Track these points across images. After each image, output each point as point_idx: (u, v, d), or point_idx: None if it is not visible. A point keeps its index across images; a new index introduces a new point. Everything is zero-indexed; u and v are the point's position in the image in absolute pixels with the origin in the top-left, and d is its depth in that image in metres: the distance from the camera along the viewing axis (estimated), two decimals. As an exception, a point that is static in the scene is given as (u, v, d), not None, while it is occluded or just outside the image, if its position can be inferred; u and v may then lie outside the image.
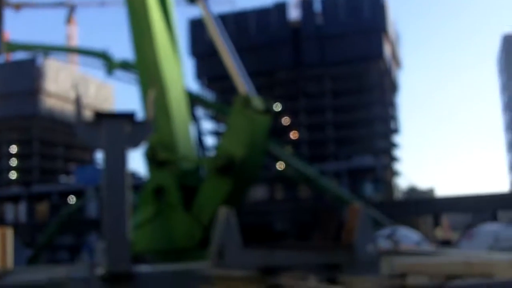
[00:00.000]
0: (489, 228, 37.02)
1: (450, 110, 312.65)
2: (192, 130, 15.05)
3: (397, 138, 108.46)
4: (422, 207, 72.77)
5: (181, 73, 14.83)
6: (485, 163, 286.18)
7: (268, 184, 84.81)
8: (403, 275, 7.26)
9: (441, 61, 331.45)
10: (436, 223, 74.34)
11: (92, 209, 75.82)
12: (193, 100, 16.06)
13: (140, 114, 8.46)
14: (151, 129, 8.15)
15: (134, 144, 7.89)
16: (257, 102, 12.76)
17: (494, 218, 66.85)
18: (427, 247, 31.28)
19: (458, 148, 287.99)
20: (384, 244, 18.66)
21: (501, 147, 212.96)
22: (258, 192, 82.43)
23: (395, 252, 10.06)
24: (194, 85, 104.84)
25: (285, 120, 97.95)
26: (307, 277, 6.28)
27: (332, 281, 5.96)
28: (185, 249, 12.43)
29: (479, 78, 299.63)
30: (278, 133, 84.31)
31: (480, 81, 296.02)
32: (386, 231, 27.52)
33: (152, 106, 8.53)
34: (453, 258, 7.42)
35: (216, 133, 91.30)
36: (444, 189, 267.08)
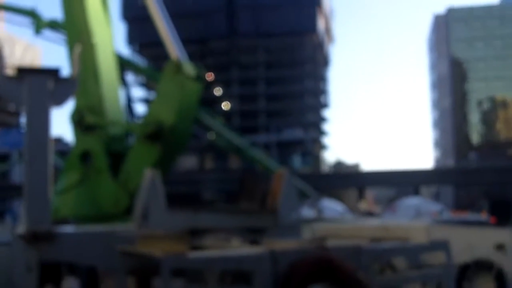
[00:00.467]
0: (411, 202, 38.30)
1: (379, 87, 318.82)
2: (121, 95, 14.79)
3: (327, 112, 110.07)
4: (348, 180, 74.34)
5: (111, 36, 14.53)
6: (411, 140, 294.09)
7: (198, 154, 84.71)
8: (323, 239, 7.46)
9: (373, 38, 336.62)
10: (361, 196, 76.13)
11: (16, 174, 73.90)
12: (124, 64, 15.74)
13: (66, 72, 8.24)
14: (76, 86, 7.95)
15: (58, 101, 7.70)
16: (189, 68, 12.65)
17: (416, 192, 68.98)
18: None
19: (386, 125, 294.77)
20: (308, 213, 19.01)
21: (427, 124, 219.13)
22: (188, 162, 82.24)
23: (318, 219, 10.30)
24: (125, 51, 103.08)
25: (217, 90, 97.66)
26: (230, 239, 6.36)
27: (255, 243, 6.06)
28: (111, 216, 12.28)
29: (409, 56, 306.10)
30: (210, 103, 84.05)
31: (410, 59, 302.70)
32: (311, 201, 28.04)
33: (78, 63, 8.32)
34: (371, 223, 7.68)
35: (147, 101, 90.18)
36: (369, 164, 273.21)
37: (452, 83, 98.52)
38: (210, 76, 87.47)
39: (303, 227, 8.09)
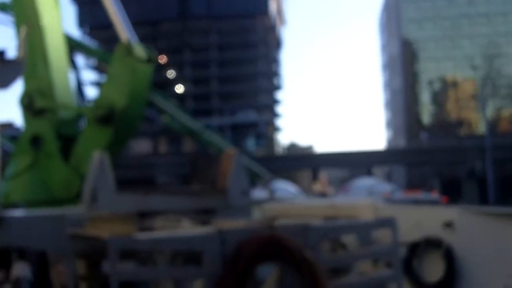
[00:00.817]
0: (363, 182, 38.95)
1: (331, 69, 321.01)
2: (72, 78, 14.56)
3: (280, 95, 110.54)
4: (301, 162, 74.98)
5: (60, 17, 14.27)
6: (363, 121, 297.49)
7: (152, 137, 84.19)
8: (273, 218, 7.55)
9: (325, 19, 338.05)
10: (314, 177, 76.85)
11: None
12: (74, 47, 15.49)
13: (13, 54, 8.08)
14: (22, 69, 7.83)
15: (4, 84, 7.57)
16: (140, 50, 12.53)
17: (369, 173, 69.99)
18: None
19: (338, 106, 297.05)
20: (261, 194, 19.10)
21: (379, 105, 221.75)
22: (142, 145, 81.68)
23: (270, 199, 10.36)
24: (76, 33, 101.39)
25: (170, 73, 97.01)
26: (180, 220, 6.39)
27: (205, 224, 6.10)
28: (62, 200, 12.13)
29: (361, 37, 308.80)
30: (163, 86, 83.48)
31: (362, 40, 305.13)
32: (264, 182, 28.25)
33: (24, 44, 8.19)
34: (321, 202, 7.79)
35: (99, 84, 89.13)
36: (322, 145, 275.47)
37: (403, 63, 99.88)
38: (162, 59, 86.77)
39: (254, 207, 8.16)
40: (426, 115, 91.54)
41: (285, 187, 34.32)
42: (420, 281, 7.90)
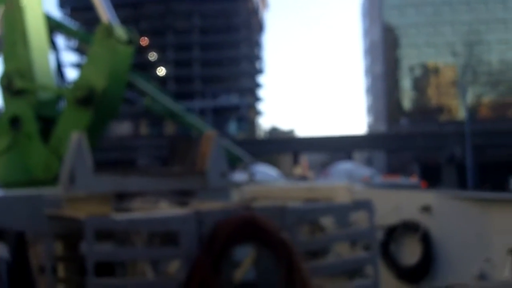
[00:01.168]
0: (343, 166, 39.19)
1: (313, 54, 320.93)
2: (52, 59, 14.45)
3: (262, 78, 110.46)
4: (283, 146, 75.18)
5: (40, -1, 14.14)
6: (345, 106, 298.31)
7: (133, 119, 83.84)
8: (251, 200, 7.58)
9: (307, 4, 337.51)
10: (295, 161, 77.08)
11: None
12: (55, 28, 15.36)
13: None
14: (1, 48, 7.78)
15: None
16: (120, 32, 12.47)
17: (349, 157, 70.37)
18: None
19: (320, 91, 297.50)
20: (241, 177, 19.09)
21: (360, 91, 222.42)
22: (123, 128, 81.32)
23: (249, 182, 10.39)
24: (57, 15, 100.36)
25: (152, 55, 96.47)
26: (158, 201, 6.40)
27: (183, 205, 6.11)
28: (41, 181, 12.09)
29: (343, 23, 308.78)
30: (144, 68, 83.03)
31: (344, 25, 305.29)
32: (244, 165, 28.31)
33: (1, 24, 8.13)
34: (299, 184, 7.85)
35: (79, 65, 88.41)
36: (304, 129, 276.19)
37: (384, 49, 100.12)
38: (144, 41, 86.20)
39: (233, 189, 8.17)
40: (407, 101, 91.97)
41: (265, 171, 34.43)
42: (397, 264, 8.00)
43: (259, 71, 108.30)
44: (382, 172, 69.64)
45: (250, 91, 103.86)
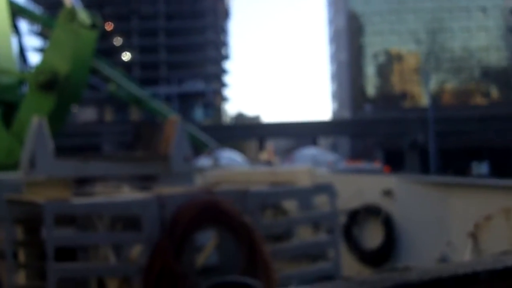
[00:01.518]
0: (308, 152, 39.41)
1: (279, 41, 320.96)
2: (14, 44, 14.22)
3: (228, 65, 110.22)
4: (248, 132, 75.24)
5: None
6: (310, 92, 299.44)
7: (97, 105, 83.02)
8: (214, 184, 7.59)
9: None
10: (261, 147, 77.19)
11: None
12: (17, 12, 15.10)
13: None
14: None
15: None
16: (84, 16, 12.31)
17: (314, 143, 70.76)
18: None
19: (286, 78, 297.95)
20: (206, 162, 19.08)
21: (325, 77, 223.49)
22: (87, 114, 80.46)
23: (214, 167, 10.40)
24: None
25: (117, 41, 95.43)
26: (120, 186, 6.37)
27: (146, 190, 6.10)
28: (3, 167, 11.92)
29: (309, 10, 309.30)
30: (109, 53, 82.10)
31: (310, 13, 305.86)
32: (210, 151, 28.33)
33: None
34: (261, 169, 7.89)
35: (42, 50, 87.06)
36: (269, 115, 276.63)
37: (349, 36, 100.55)
38: (109, 26, 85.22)
39: (196, 174, 8.18)
40: (371, 88, 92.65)
41: (231, 156, 34.39)
42: (359, 247, 8.11)
43: (225, 57, 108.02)
44: (346, 158, 70.23)
45: (216, 77, 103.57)
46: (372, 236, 7.98)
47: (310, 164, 34.42)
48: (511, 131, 66.40)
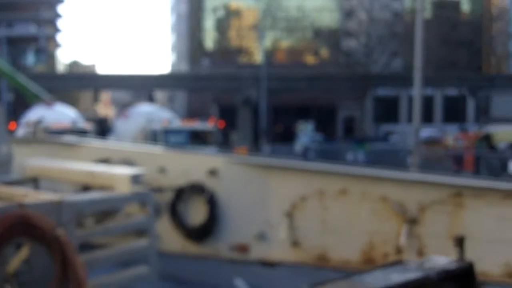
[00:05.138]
0: (143, 109, 39.12)
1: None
2: None
3: (62, 8, 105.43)
4: (83, 82, 72.97)
5: None
6: (149, 44, 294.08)
7: None
8: (34, 179, 7.49)
9: None
10: (96, 98, 75.50)
11: None
12: None
13: None
14: None
15: None
16: None
17: (151, 97, 70.27)
18: (82, 125, 31.91)
19: (125, 27, 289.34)
20: (24, 132, 18.37)
21: (166, 29, 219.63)
22: None
23: (36, 140, 10.10)
24: None
25: None
26: None
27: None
28: None
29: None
30: None
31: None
32: (35, 114, 27.37)
33: None
34: (81, 166, 7.83)
35: None
36: (106, 66, 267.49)
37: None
38: None
39: (14, 165, 7.99)
40: (209, 42, 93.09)
41: (64, 111, 33.24)
42: (184, 224, 8.52)
43: (59, 1, 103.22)
44: (183, 113, 70.63)
45: (50, 22, 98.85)
46: (196, 214, 8.39)
47: (144, 121, 34.47)
48: (337, 90, 69.96)
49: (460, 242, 3.44)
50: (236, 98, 65.98)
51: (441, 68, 64.35)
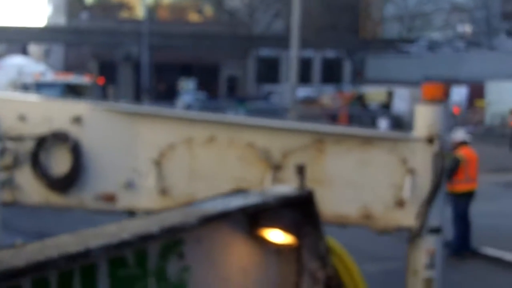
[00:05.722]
0: (14, 61, 37.42)
1: None
2: None
3: None
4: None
5: None
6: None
7: None
8: None
9: None
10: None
11: None
12: None
13: None
14: None
15: None
16: None
17: (24, 51, 67.47)
18: None
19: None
20: None
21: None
22: None
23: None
24: None
25: None
26: None
27: None
28: None
29: None
30: None
31: None
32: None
33: None
34: None
35: None
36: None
37: None
38: None
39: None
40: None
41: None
42: (47, 174, 8.18)
43: None
44: (60, 68, 68.12)
45: None
46: (59, 163, 8.08)
47: (16, 74, 32.96)
48: (220, 49, 69.98)
49: (300, 170, 3.50)
50: (116, 54, 64.52)
51: (321, 31, 65.62)
